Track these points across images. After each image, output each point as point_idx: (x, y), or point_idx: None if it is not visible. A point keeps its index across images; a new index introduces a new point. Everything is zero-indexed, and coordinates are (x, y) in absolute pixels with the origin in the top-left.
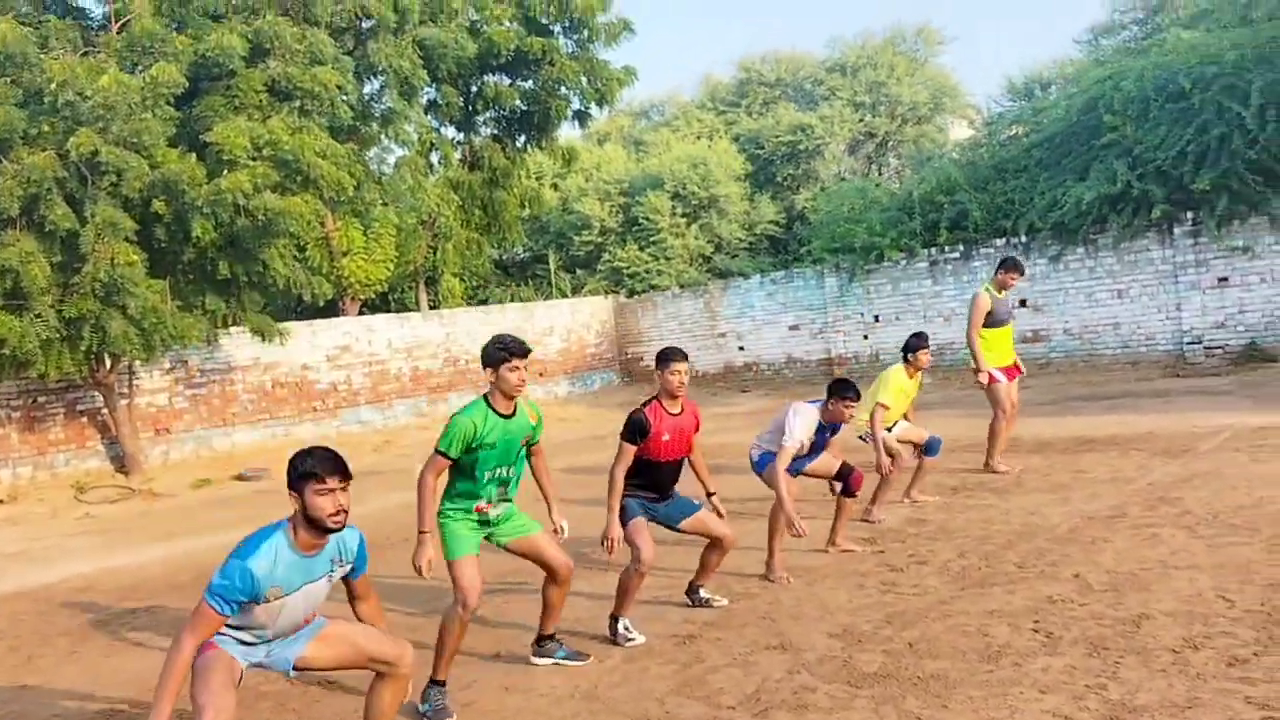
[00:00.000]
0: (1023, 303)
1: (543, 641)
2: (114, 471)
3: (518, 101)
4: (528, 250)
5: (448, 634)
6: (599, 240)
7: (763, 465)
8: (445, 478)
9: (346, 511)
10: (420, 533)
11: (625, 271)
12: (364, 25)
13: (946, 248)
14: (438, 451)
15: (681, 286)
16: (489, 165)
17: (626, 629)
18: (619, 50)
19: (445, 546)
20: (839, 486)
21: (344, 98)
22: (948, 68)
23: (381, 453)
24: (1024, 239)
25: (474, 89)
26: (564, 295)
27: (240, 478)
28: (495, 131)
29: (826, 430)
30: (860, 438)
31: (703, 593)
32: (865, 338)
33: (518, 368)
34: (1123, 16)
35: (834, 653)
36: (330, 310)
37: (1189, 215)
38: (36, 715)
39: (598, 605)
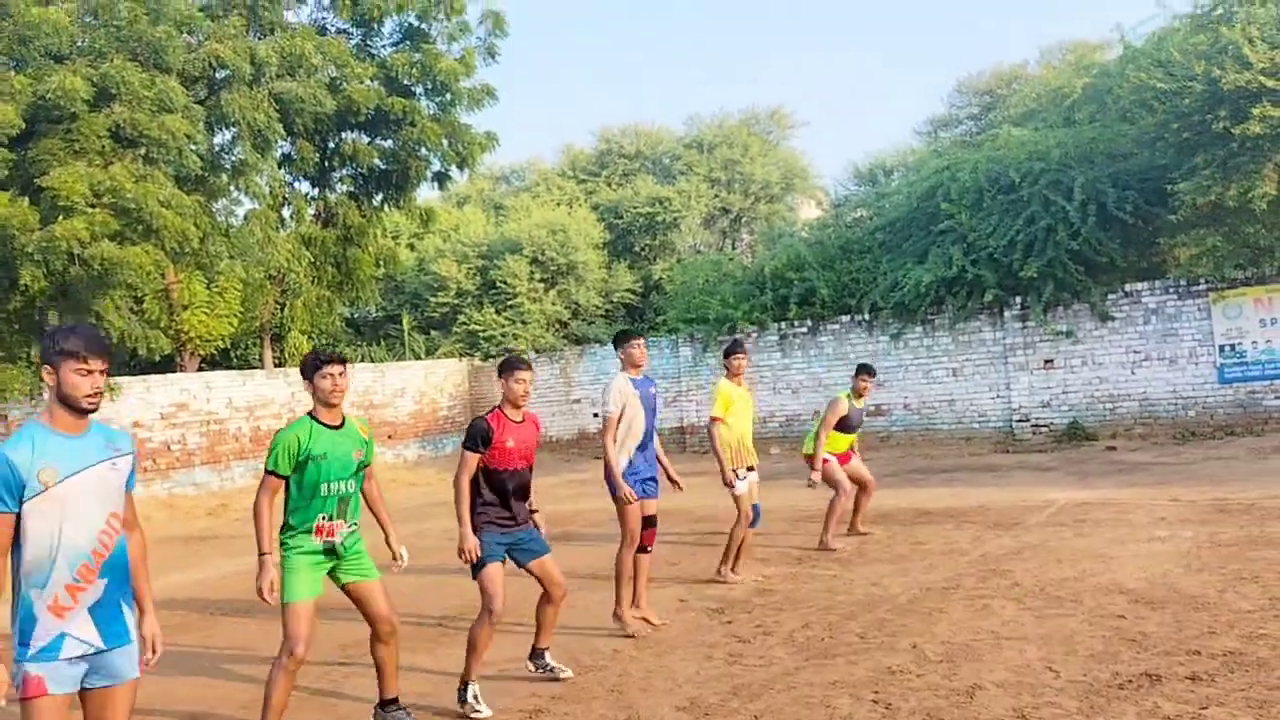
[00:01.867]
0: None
1: (386, 706)
2: None
3: (376, 160)
4: (381, 310)
5: (272, 689)
6: (455, 302)
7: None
8: (281, 502)
9: (101, 394)
10: (260, 555)
11: (481, 334)
12: (218, 75)
13: (795, 322)
14: (268, 471)
15: (537, 351)
16: (344, 223)
17: (476, 698)
18: (481, 114)
19: (283, 586)
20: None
21: (193, 147)
22: (798, 150)
23: (217, 516)
24: (867, 317)
25: (331, 145)
26: (418, 357)
27: None
28: (351, 189)
29: (645, 385)
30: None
31: (548, 658)
32: None
33: (330, 375)
34: (959, 111)
35: None
36: (164, 366)
37: (1018, 300)
38: None
39: (443, 680)
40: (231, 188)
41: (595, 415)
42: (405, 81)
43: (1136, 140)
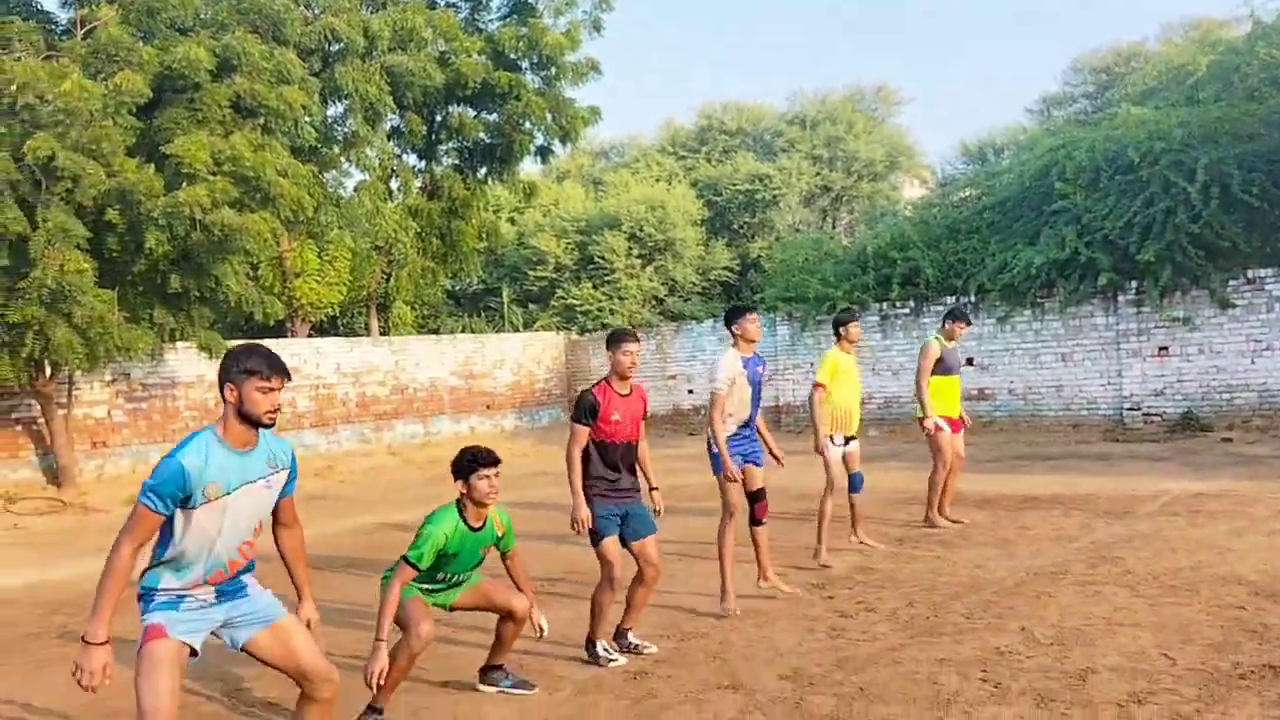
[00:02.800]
0: (969, 361)
1: (489, 671)
2: (45, 483)
3: (481, 134)
4: (481, 282)
5: (395, 662)
6: (553, 276)
7: (717, 463)
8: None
9: (279, 410)
10: (377, 640)
11: (578, 309)
12: (332, 48)
13: (898, 303)
14: (408, 561)
15: (634, 327)
16: (449, 195)
17: (606, 650)
18: (584, 89)
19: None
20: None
21: (308, 119)
22: (903, 128)
23: (324, 478)
24: (973, 298)
25: (438, 118)
26: (516, 329)
27: None
28: (457, 162)
29: (756, 375)
30: (816, 450)
31: (631, 637)
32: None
33: (487, 476)
34: (1074, 90)
35: (785, 694)
36: (276, 332)
37: (1133, 284)
38: None
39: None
40: (342, 159)
41: (689, 392)
42: (511, 55)
43: (1265, 120)
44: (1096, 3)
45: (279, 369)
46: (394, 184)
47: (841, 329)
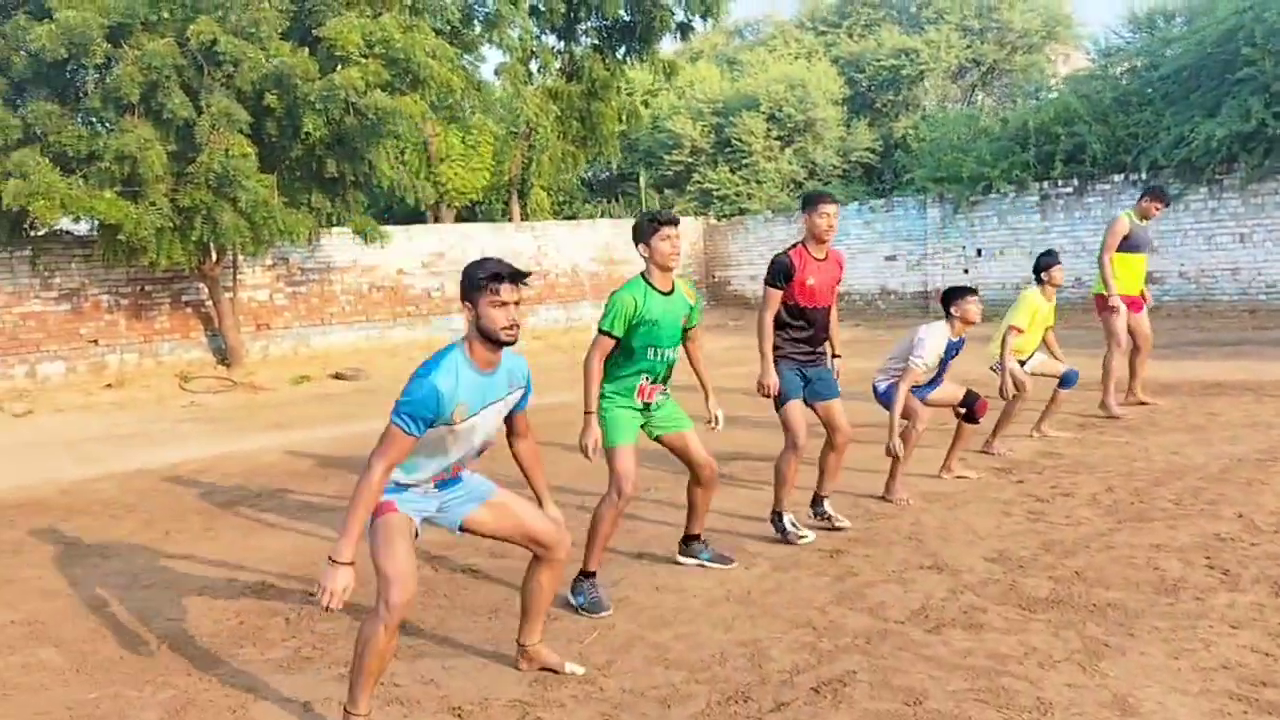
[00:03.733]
0: None
1: (689, 542)
2: (215, 363)
3: (621, 10)
4: (615, 168)
5: (600, 523)
6: (689, 160)
7: (888, 395)
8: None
9: (519, 325)
10: (586, 413)
11: (715, 194)
12: None
13: (1060, 182)
14: (601, 331)
15: (774, 211)
16: (589, 76)
17: (794, 525)
18: None
19: (605, 433)
20: (962, 412)
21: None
22: None
23: None
24: (1144, 176)
25: None
26: None
27: (338, 376)
28: (596, 42)
29: (954, 349)
30: (991, 369)
31: (827, 506)
32: (965, 272)
33: (669, 236)
34: None
35: (995, 576)
36: (419, 219)
37: None
38: (186, 585)
39: (734, 520)
40: (483, 40)
41: None
42: None
43: None
44: None
45: (509, 275)
46: (533, 66)
47: (1044, 274)
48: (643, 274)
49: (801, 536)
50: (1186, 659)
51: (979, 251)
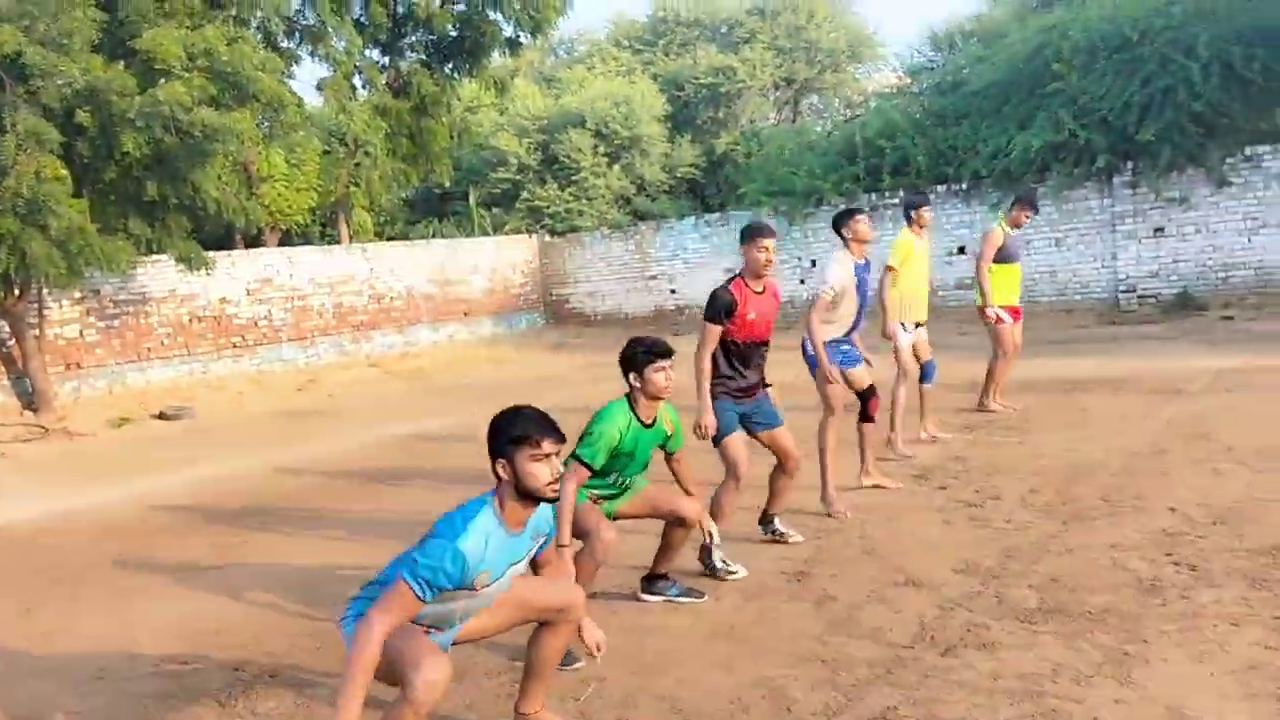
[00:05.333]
0: (961, 249)
1: (654, 580)
2: (22, 409)
3: (449, 25)
4: (439, 187)
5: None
6: (516, 178)
7: (814, 361)
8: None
9: (560, 479)
10: (559, 546)
11: (545, 210)
12: None
13: (888, 193)
14: (580, 460)
15: (611, 227)
16: (417, 92)
17: (725, 561)
18: None
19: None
20: (858, 410)
21: (275, 9)
22: (863, 17)
23: (309, 393)
24: (965, 186)
25: (402, 10)
26: (486, 233)
27: (162, 416)
28: (423, 57)
29: (863, 273)
30: (885, 334)
31: (778, 524)
32: (802, 282)
33: (664, 368)
34: None
35: (975, 589)
36: (250, 242)
37: (1128, 166)
38: (80, 670)
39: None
40: (305, 54)
41: (672, 292)
42: None
43: None
44: None
45: (550, 430)
46: (357, 81)
47: (914, 212)
48: (628, 398)
49: (732, 572)
50: (1211, 662)
51: (813, 262)
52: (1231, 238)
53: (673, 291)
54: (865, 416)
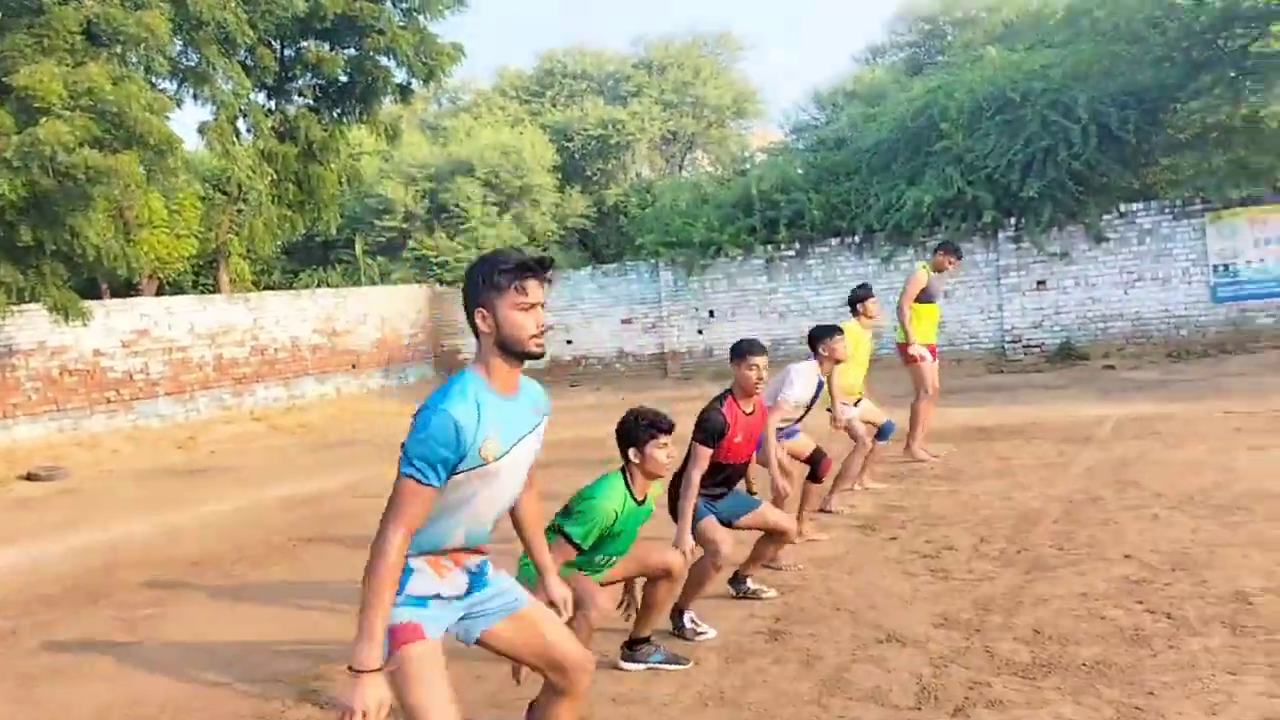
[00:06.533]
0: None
1: (635, 645)
2: None
3: (339, 70)
4: (319, 235)
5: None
6: (403, 226)
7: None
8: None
9: (545, 332)
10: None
11: (433, 260)
12: None
13: (783, 245)
14: (569, 539)
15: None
16: (305, 137)
17: (694, 621)
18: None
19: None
20: (806, 471)
21: (158, 50)
22: (748, 74)
23: (189, 450)
24: (858, 239)
25: (290, 53)
26: (374, 283)
27: (30, 477)
28: (310, 101)
29: (820, 389)
30: (828, 409)
31: (750, 583)
32: (700, 332)
33: (665, 445)
34: (900, 39)
35: (962, 644)
36: (125, 290)
37: (1012, 221)
38: None
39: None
40: (187, 94)
41: (568, 343)
42: None
43: (1134, 61)
44: None
45: (535, 272)
46: (242, 124)
47: (860, 305)
48: (623, 473)
49: (701, 633)
50: (1225, 714)
51: (711, 313)
52: (1109, 290)
53: (568, 342)
54: (815, 477)
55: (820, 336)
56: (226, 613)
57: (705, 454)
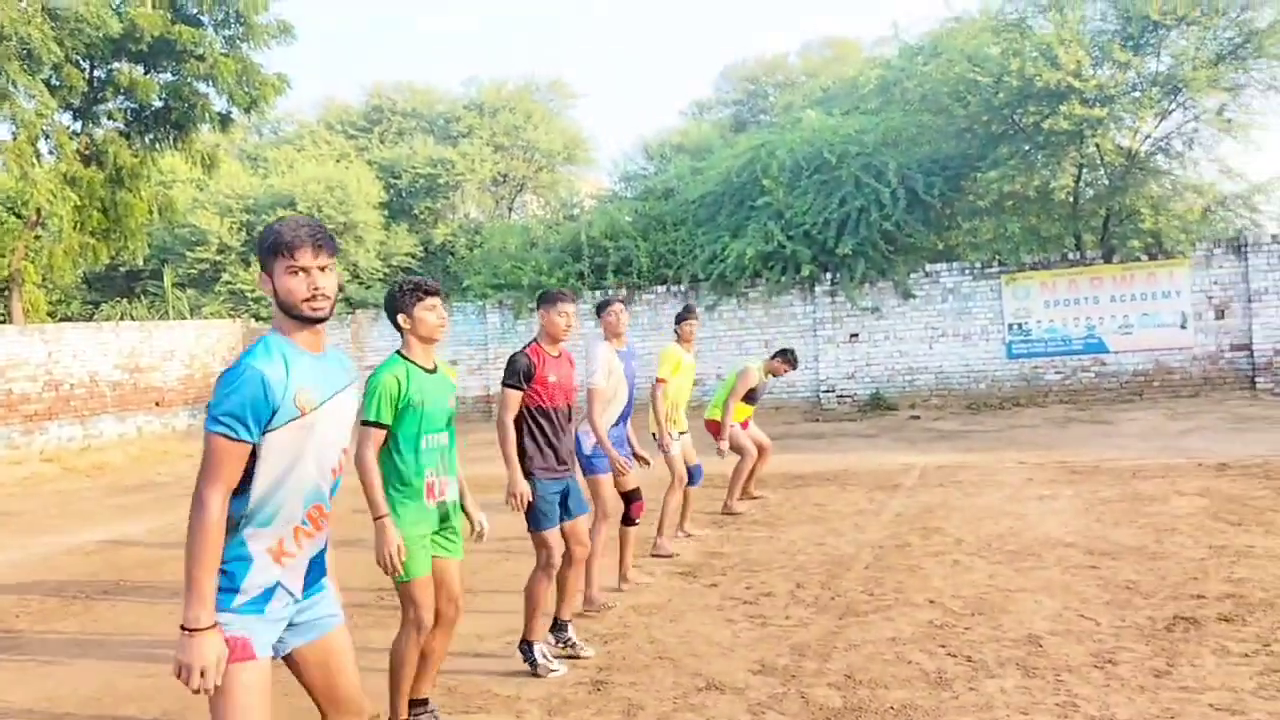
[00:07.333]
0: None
1: (418, 706)
2: None
3: (154, 95)
4: (124, 265)
5: (403, 665)
6: (217, 259)
7: (589, 464)
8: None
9: (329, 298)
10: (377, 518)
11: (249, 294)
12: None
13: (611, 291)
14: (366, 423)
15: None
16: (114, 162)
17: (545, 657)
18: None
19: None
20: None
21: None
22: (579, 123)
23: None
24: (683, 287)
25: (101, 74)
26: (183, 316)
27: None
28: (121, 125)
29: (629, 358)
30: (653, 434)
31: (571, 632)
32: None
33: (434, 306)
34: (725, 95)
35: (777, 690)
36: None
37: (829, 276)
38: None
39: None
40: None
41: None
42: (193, 10)
43: (940, 130)
44: (740, 18)
45: (309, 240)
46: (43, 146)
47: (679, 326)
48: (399, 351)
49: (553, 670)
50: None
51: None
52: (916, 344)
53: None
54: (628, 520)
55: (598, 313)
56: (2, 671)
57: (514, 396)
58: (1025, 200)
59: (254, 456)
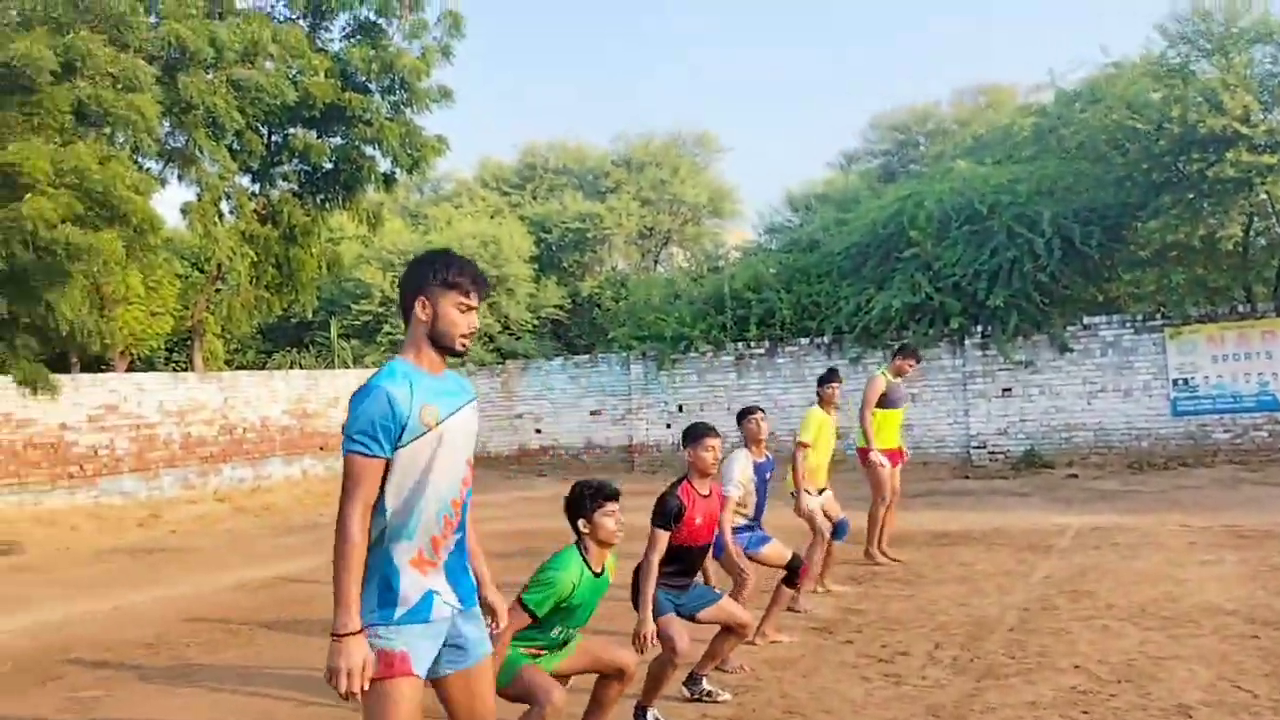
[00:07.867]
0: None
1: None
2: None
3: (325, 158)
4: (295, 316)
5: None
6: (379, 311)
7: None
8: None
9: (474, 335)
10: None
11: None
12: (175, 56)
13: (753, 343)
14: (525, 606)
15: (476, 364)
16: (287, 221)
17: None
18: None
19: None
20: (783, 575)
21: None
22: (724, 175)
23: (149, 528)
24: (827, 340)
25: (277, 139)
26: (347, 366)
27: None
28: (294, 187)
29: (764, 471)
30: (791, 494)
31: (706, 684)
32: (668, 426)
33: (614, 512)
34: (874, 146)
35: None
36: (92, 366)
37: (979, 329)
38: None
39: None
40: (172, 175)
41: (537, 431)
42: (360, 78)
43: (1098, 179)
44: (891, 69)
45: (482, 284)
46: (225, 206)
47: (823, 389)
48: (578, 546)
49: (721, 699)
50: None
51: (680, 407)
52: (1073, 400)
53: (538, 430)
54: (792, 583)
55: (739, 420)
56: (174, 697)
57: (663, 538)
58: (1190, 250)
59: (388, 472)
